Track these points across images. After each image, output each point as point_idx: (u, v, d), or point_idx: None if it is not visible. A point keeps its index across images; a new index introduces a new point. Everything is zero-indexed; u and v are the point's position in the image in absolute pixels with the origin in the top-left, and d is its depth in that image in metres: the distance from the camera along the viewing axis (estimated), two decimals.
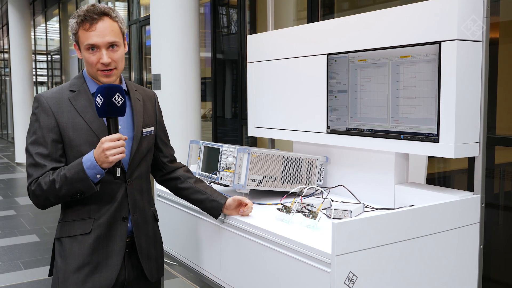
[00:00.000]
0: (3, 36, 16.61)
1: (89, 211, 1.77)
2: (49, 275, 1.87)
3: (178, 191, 2.06)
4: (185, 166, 2.13)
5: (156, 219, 1.99)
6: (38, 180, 1.69)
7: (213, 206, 1.98)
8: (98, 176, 1.66)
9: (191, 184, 2.02)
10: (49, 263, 1.89)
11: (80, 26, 1.73)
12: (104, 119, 1.72)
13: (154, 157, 2.00)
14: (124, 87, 1.88)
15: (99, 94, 1.64)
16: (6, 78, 17.63)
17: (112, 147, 1.62)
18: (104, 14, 1.74)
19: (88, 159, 1.65)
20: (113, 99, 1.64)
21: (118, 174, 1.68)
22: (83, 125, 1.74)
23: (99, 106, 1.64)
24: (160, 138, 2.02)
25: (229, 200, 1.98)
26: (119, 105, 1.65)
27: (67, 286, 1.75)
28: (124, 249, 1.81)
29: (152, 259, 1.92)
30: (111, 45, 1.74)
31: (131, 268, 1.86)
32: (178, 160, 2.14)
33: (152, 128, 1.93)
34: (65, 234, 1.78)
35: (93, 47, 1.73)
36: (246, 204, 1.98)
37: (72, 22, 1.75)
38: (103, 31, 1.72)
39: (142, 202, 1.88)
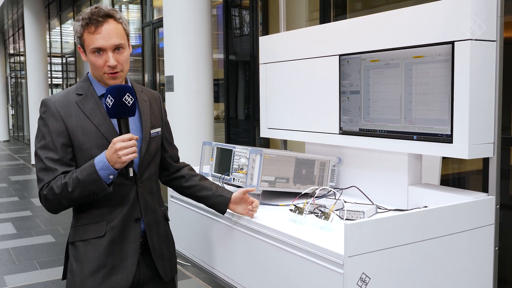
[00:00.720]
0: (19, 39, 16.82)
1: (102, 214, 1.77)
2: (63, 279, 1.88)
3: (183, 190, 2.06)
4: (188, 165, 2.13)
5: (166, 219, 2.00)
6: (49, 184, 1.69)
7: (219, 202, 1.97)
8: (111, 177, 1.66)
9: (196, 182, 2.02)
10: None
11: (85, 29, 1.72)
12: (115, 119, 1.73)
13: (165, 158, 2.02)
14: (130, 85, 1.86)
15: (109, 95, 1.65)
16: (22, 80, 17.85)
17: (124, 147, 1.63)
18: (109, 16, 1.73)
19: (100, 160, 1.65)
20: (123, 99, 1.65)
21: (131, 174, 1.70)
22: (92, 128, 1.74)
23: (110, 106, 1.65)
24: (166, 138, 2.03)
25: (235, 194, 1.97)
26: (129, 105, 1.66)
27: None
28: (138, 250, 1.81)
29: (166, 258, 1.93)
30: (117, 48, 1.74)
31: (145, 268, 1.87)
32: (191, 161, 2.15)
33: (159, 129, 1.94)
34: (79, 238, 1.78)
35: (99, 50, 1.72)
36: (253, 202, 1.97)
37: (76, 25, 1.74)
38: (109, 34, 1.71)
39: (153, 202, 1.89)
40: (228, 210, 2.00)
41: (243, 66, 5.95)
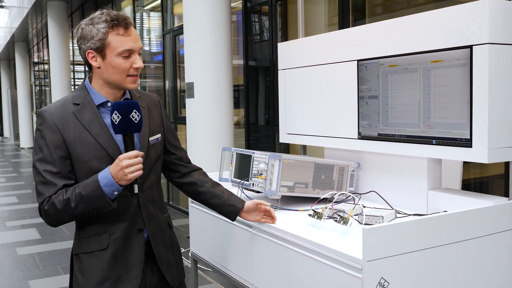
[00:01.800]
0: (43, 48, 17.14)
1: (104, 227, 1.74)
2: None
3: (195, 196, 2.02)
4: (200, 169, 2.08)
5: (170, 226, 1.96)
6: (51, 199, 1.65)
7: (230, 211, 1.95)
8: (116, 193, 1.63)
9: (208, 189, 1.97)
10: None
11: (111, 30, 1.66)
12: (120, 135, 1.70)
13: (166, 161, 1.97)
14: (127, 95, 1.82)
15: (115, 111, 1.61)
16: (46, 88, 18.17)
17: (131, 165, 1.60)
18: (130, 21, 1.71)
19: (104, 176, 1.62)
20: (130, 116, 1.62)
21: (136, 191, 1.67)
22: (91, 139, 1.69)
23: (116, 123, 1.62)
24: (169, 142, 1.97)
25: (248, 203, 1.95)
26: (136, 122, 1.63)
27: None
28: (143, 260, 1.79)
29: (172, 265, 1.90)
30: (140, 52, 1.74)
31: (151, 275, 1.85)
32: (211, 167, 2.13)
33: (159, 135, 1.88)
34: (82, 251, 1.76)
35: (128, 54, 1.68)
36: (269, 211, 1.96)
37: (95, 28, 1.66)
38: (136, 36, 1.70)
39: (155, 211, 1.85)
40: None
41: (263, 72, 5.97)
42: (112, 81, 1.71)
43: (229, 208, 1.95)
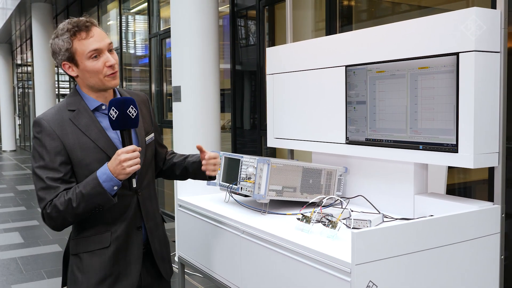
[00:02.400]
0: (26, 50, 16.97)
1: (106, 225, 1.78)
2: (62, 286, 1.92)
3: (166, 174, 2.11)
4: (170, 151, 2.16)
5: (164, 221, 2.05)
6: (52, 202, 1.67)
7: (195, 168, 2.00)
8: (115, 188, 1.67)
9: (172, 162, 2.07)
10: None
11: (74, 38, 1.70)
12: (115, 133, 1.76)
13: (157, 159, 2.06)
14: (118, 95, 1.86)
15: (113, 107, 1.65)
16: (29, 90, 17.98)
17: (129, 158, 1.64)
18: (91, 23, 1.74)
19: (103, 172, 1.65)
20: (127, 111, 1.66)
21: (134, 185, 1.71)
22: (90, 143, 1.73)
23: (114, 119, 1.66)
24: (157, 141, 2.03)
25: (198, 157, 2.01)
26: (133, 117, 1.68)
27: None
28: (141, 257, 1.86)
29: (166, 260, 1.98)
30: (109, 48, 1.75)
31: (145, 274, 1.91)
32: None
33: (152, 135, 1.95)
34: (83, 250, 1.78)
35: (95, 54, 1.71)
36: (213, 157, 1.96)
37: (60, 40, 1.71)
38: (100, 36, 1.73)
39: (152, 208, 1.92)
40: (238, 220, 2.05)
41: (250, 76, 5.99)
42: (93, 85, 1.76)
43: (192, 166, 2.01)
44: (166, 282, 2.02)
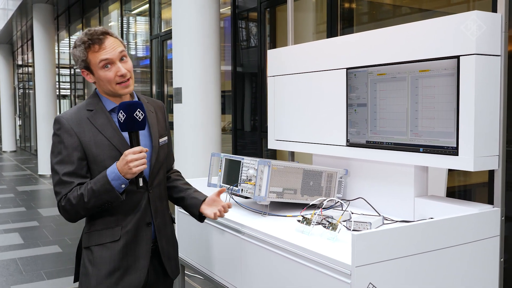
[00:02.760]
0: (27, 50, 16.99)
1: (117, 220, 1.88)
2: (75, 281, 2.00)
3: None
4: (177, 171, 2.24)
5: (173, 221, 2.13)
6: (67, 196, 1.79)
7: (193, 203, 2.04)
8: (123, 186, 1.77)
9: (176, 184, 2.12)
10: (71, 273, 1.97)
11: (89, 50, 1.83)
12: (126, 133, 1.83)
13: None
14: (135, 99, 1.98)
15: (121, 111, 1.76)
16: (30, 91, 17.99)
17: (135, 159, 1.73)
18: (105, 33, 1.86)
19: (112, 171, 1.76)
20: (134, 114, 1.76)
21: (141, 184, 1.80)
22: (105, 141, 1.84)
23: (121, 121, 1.77)
24: (169, 150, 2.12)
25: (211, 196, 2.02)
26: (140, 120, 1.78)
27: None
28: (150, 252, 1.93)
29: (172, 258, 2.06)
30: (122, 57, 1.86)
31: (152, 270, 1.98)
32: (198, 172, 2.22)
33: (166, 138, 2.05)
34: (94, 243, 1.88)
35: (107, 64, 1.83)
36: (223, 205, 1.98)
37: (77, 51, 1.85)
38: (112, 46, 1.84)
39: (162, 207, 2.01)
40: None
41: (250, 78, 6.00)
42: (107, 91, 1.89)
43: (192, 200, 2.05)
44: (171, 280, 2.09)
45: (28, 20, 13.54)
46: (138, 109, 1.77)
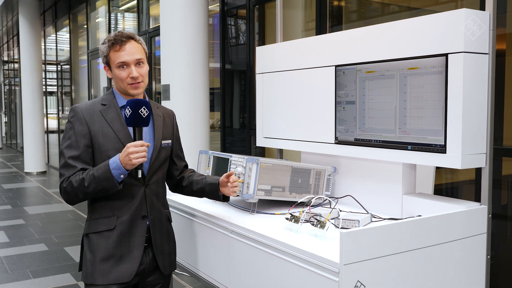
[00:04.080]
0: (13, 46, 16.80)
1: (113, 210, 2.01)
2: (79, 270, 2.11)
3: (183, 190, 2.27)
4: (191, 169, 2.34)
5: (169, 220, 2.20)
6: (69, 178, 1.94)
7: (211, 190, 2.14)
8: (122, 176, 1.90)
9: (192, 179, 2.22)
10: (58, 272, 2.00)
11: (111, 48, 2.00)
12: (131, 128, 1.97)
13: (168, 169, 2.22)
14: (147, 100, 2.08)
15: (128, 106, 1.90)
16: (16, 88, 17.80)
17: (136, 152, 1.87)
18: (130, 37, 2.03)
19: (114, 161, 1.90)
20: (139, 111, 1.90)
21: (139, 175, 1.94)
22: (111, 133, 2.00)
23: (127, 116, 1.91)
24: (176, 153, 2.24)
25: (222, 178, 2.11)
26: (144, 116, 1.91)
27: (94, 276, 1.99)
28: (143, 243, 2.04)
29: (165, 254, 2.13)
30: (138, 62, 2.01)
31: (151, 260, 2.09)
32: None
33: (169, 141, 2.17)
34: (92, 230, 2.02)
35: (123, 65, 1.99)
36: (232, 178, 2.08)
37: (103, 47, 2.03)
38: (131, 50, 2.01)
39: (158, 204, 2.11)
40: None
41: (239, 75, 5.98)
42: (120, 89, 2.06)
43: (210, 187, 2.15)
44: (169, 275, 2.19)
45: (14, 15, 13.38)
46: (144, 107, 1.90)
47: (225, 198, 2.15)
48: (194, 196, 2.25)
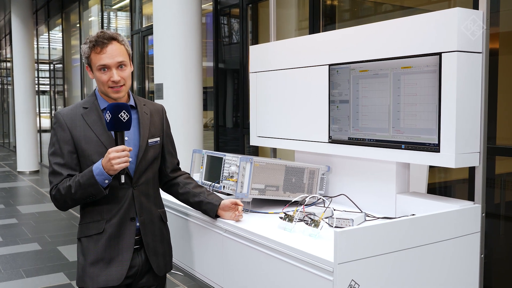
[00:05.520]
0: (5, 45, 16.70)
1: (102, 214, 1.99)
2: None
3: (178, 196, 2.23)
4: (187, 173, 2.29)
5: (163, 220, 2.16)
6: (57, 186, 1.94)
7: (208, 208, 2.12)
8: (106, 181, 1.88)
9: (189, 189, 2.19)
10: (51, 271, 2.03)
11: (92, 50, 1.94)
12: (112, 132, 1.92)
13: (163, 167, 2.19)
14: (132, 102, 2.08)
15: (108, 111, 1.86)
16: (8, 87, 17.69)
17: (117, 157, 1.84)
18: (112, 38, 1.96)
19: (97, 167, 1.87)
20: (119, 115, 1.85)
21: (123, 181, 1.90)
22: (94, 137, 1.97)
23: (108, 121, 1.87)
24: (167, 149, 2.20)
25: (225, 201, 2.10)
26: (124, 121, 1.86)
27: (85, 279, 1.99)
28: (133, 246, 2.01)
29: (159, 255, 2.11)
30: (120, 65, 1.96)
31: (143, 262, 2.07)
32: (181, 168, 2.24)
33: (158, 139, 2.12)
34: (83, 234, 2.02)
35: (104, 68, 1.94)
36: (239, 206, 2.07)
37: (84, 47, 1.97)
38: (112, 53, 1.94)
39: (149, 204, 2.07)
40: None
41: (232, 74, 5.97)
42: (102, 91, 2.01)
43: (207, 205, 2.13)
44: (164, 277, 2.17)
45: (6, 14, 13.30)
46: (124, 111, 1.86)
47: (216, 216, 2.13)
48: (187, 205, 2.23)
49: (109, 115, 1.85)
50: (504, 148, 3.06)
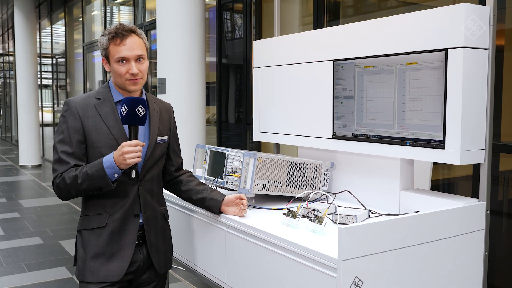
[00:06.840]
0: (8, 39, 16.69)
1: (105, 207, 1.98)
2: (74, 265, 2.09)
3: (181, 194, 2.23)
4: (189, 172, 2.29)
5: (165, 218, 2.16)
6: (62, 175, 1.90)
7: (212, 204, 2.11)
8: (116, 175, 1.87)
9: (192, 187, 2.18)
10: (53, 265, 2.00)
11: (111, 41, 1.94)
12: (126, 126, 1.92)
13: (168, 165, 2.19)
14: (144, 97, 2.04)
15: (124, 104, 1.86)
16: (11, 81, 17.70)
17: (131, 151, 1.83)
18: (132, 31, 1.96)
19: (108, 159, 1.86)
20: (136, 110, 1.86)
21: (133, 175, 1.90)
22: (105, 129, 1.95)
23: (123, 114, 1.87)
24: (173, 148, 2.20)
25: (228, 197, 2.10)
26: (140, 115, 1.87)
27: (85, 273, 1.97)
28: (135, 242, 2.00)
29: (161, 252, 2.10)
30: (138, 58, 1.96)
31: (145, 258, 2.06)
32: (184, 165, 2.23)
33: (166, 137, 2.12)
34: (85, 227, 1.99)
35: (123, 60, 1.93)
36: (244, 200, 2.07)
37: (102, 39, 1.97)
38: (132, 46, 1.94)
39: (152, 201, 2.07)
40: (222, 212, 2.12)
41: (235, 70, 5.96)
42: (118, 84, 2.00)
43: (211, 202, 2.12)
44: (165, 274, 2.17)
45: (9, 8, 13.28)
46: (140, 106, 1.86)
47: (219, 212, 2.13)
48: (190, 202, 2.22)
49: (125, 109, 1.85)
50: (509, 145, 3.04)
